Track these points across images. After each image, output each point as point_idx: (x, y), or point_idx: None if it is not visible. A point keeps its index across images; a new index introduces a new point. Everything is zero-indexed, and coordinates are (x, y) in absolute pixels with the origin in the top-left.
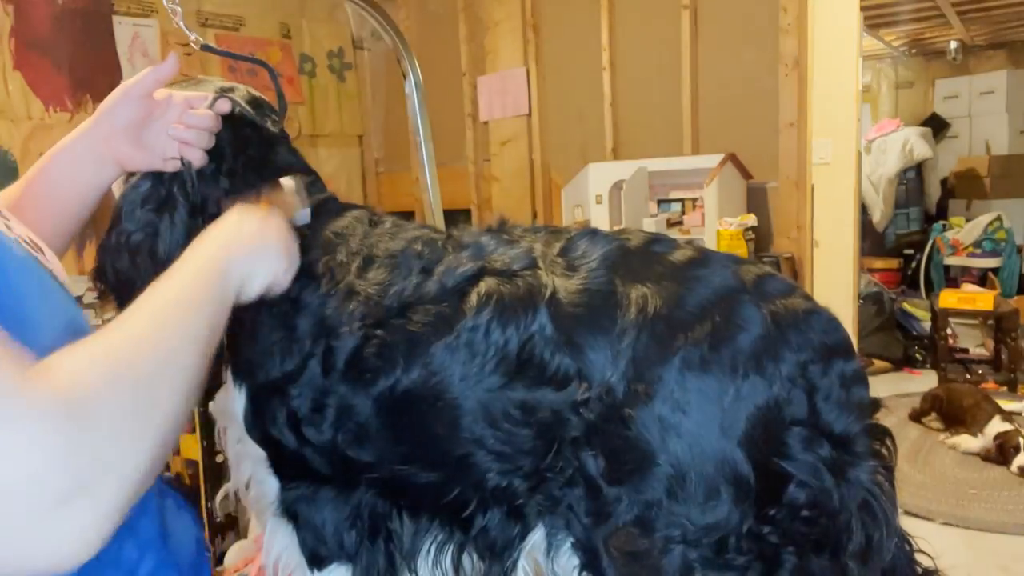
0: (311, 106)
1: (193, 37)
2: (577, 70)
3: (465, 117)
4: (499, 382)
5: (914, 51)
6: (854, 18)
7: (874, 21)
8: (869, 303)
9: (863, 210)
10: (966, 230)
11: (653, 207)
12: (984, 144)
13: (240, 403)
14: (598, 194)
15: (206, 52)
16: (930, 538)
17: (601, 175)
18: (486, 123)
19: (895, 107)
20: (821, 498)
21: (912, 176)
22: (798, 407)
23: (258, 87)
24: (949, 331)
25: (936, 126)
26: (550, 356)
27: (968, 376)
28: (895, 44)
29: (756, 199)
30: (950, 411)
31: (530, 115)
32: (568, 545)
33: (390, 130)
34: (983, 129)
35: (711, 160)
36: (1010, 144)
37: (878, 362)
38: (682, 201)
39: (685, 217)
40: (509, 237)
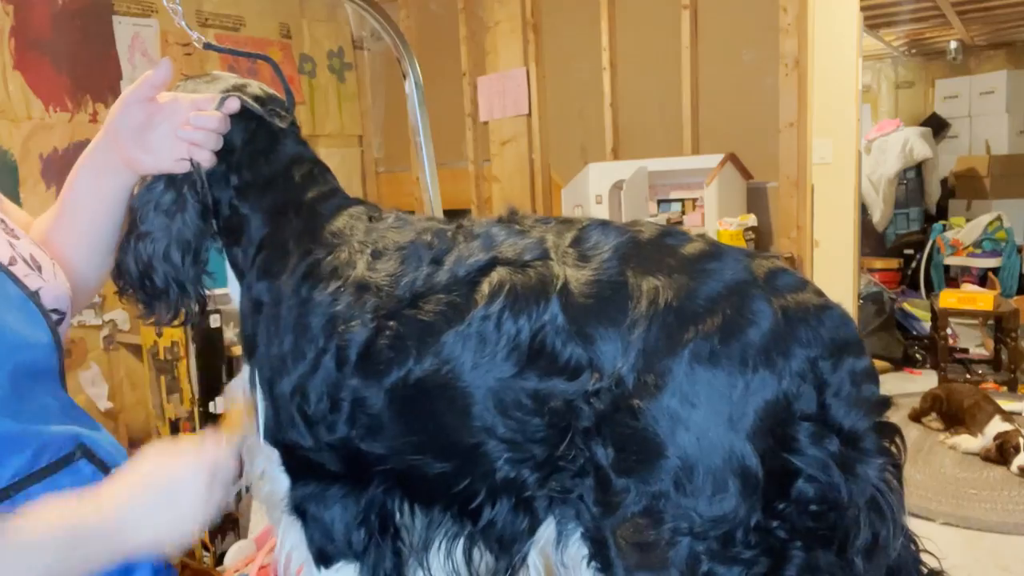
0: (311, 106)
1: (195, 36)
2: (577, 70)
3: (465, 117)
4: (511, 371)
5: (914, 51)
6: (854, 18)
7: (874, 21)
8: (869, 303)
9: (863, 210)
10: (966, 230)
11: (653, 207)
12: (984, 144)
13: (260, 407)
14: (598, 194)
15: (208, 51)
16: (930, 538)
17: (601, 175)
18: (486, 123)
19: (895, 107)
20: (829, 493)
21: (912, 176)
22: (807, 402)
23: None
24: (949, 331)
25: (936, 126)
26: (561, 346)
27: (968, 376)
28: (895, 44)
29: (756, 199)
30: (950, 411)
31: (530, 115)
32: (577, 535)
33: (390, 130)
34: (983, 129)
35: (711, 160)
36: (1010, 144)
37: (878, 362)
38: (682, 201)
39: (685, 217)
40: (520, 227)
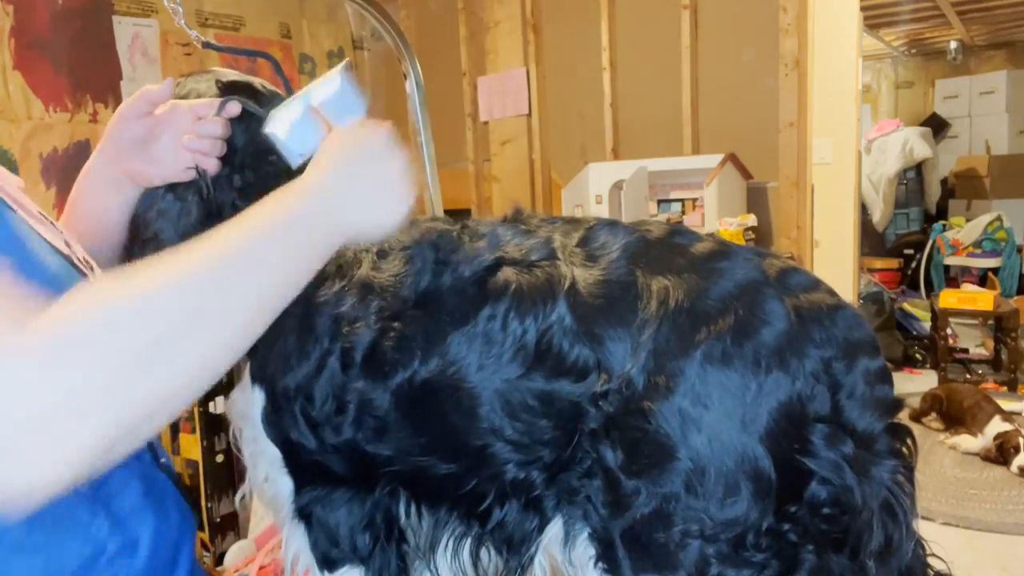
0: None
1: (194, 35)
2: (577, 70)
3: (465, 117)
4: (517, 372)
5: (914, 51)
6: (854, 18)
7: (874, 21)
8: (869, 303)
9: (863, 210)
10: (966, 230)
11: (653, 207)
12: (984, 144)
13: (258, 405)
14: (598, 194)
15: (207, 50)
16: (930, 538)
17: (601, 175)
18: (486, 123)
19: (895, 107)
20: (843, 496)
21: (912, 176)
22: (821, 404)
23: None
24: (949, 331)
25: (936, 126)
26: (569, 347)
27: (968, 376)
28: (895, 44)
29: (756, 199)
30: (950, 411)
31: (530, 115)
32: (585, 535)
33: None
34: (983, 129)
35: (711, 160)
36: (1010, 144)
37: None
38: (682, 201)
39: (685, 217)
40: (526, 227)
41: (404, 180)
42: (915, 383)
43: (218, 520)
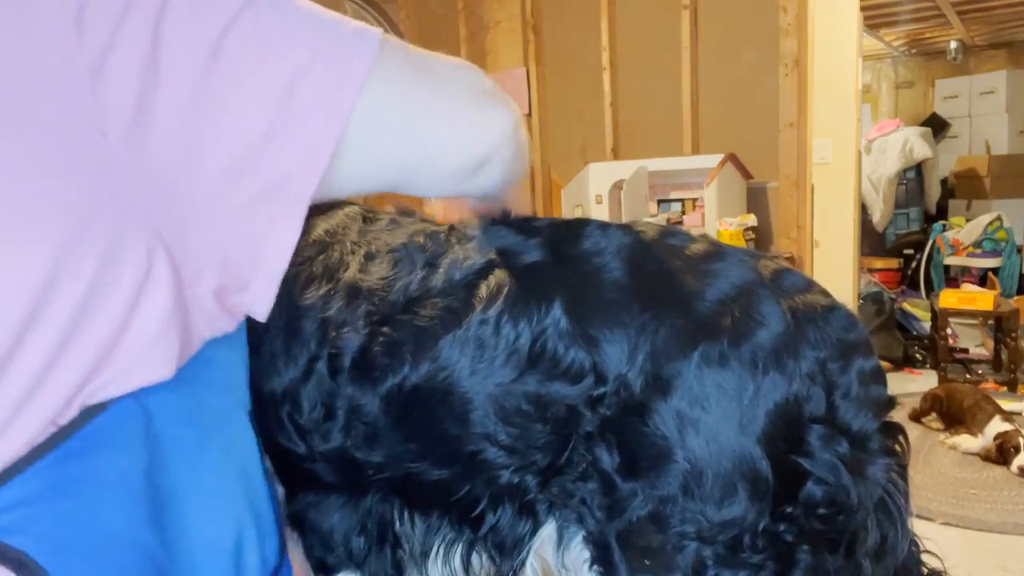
0: None
1: None
2: (577, 70)
3: None
4: (511, 376)
5: (914, 51)
6: (854, 18)
7: (874, 21)
8: (869, 303)
9: (863, 210)
10: (966, 230)
11: (653, 207)
12: (984, 144)
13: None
14: (598, 194)
15: None
16: (930, 538)
17: (601, 175)
18: None
19: (895, 107)
20: (838, 496)
21: (912, 176)
22: (817, 404)
23: None
24: (949, 331)
25: (936, 126)
26: (564, 350)
27: (968, 376)
28: (895, 44)
29: (756, 199)
30: (950, 411)
31: (530, 115)
32: (579, 539)
33: None
34: (983, 129)
35: (711, 160)
36: (1010, 144)
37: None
38: (682, 201)
39: (685, 217)
40: (516, 229)
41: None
42: (915, 383)
43: None
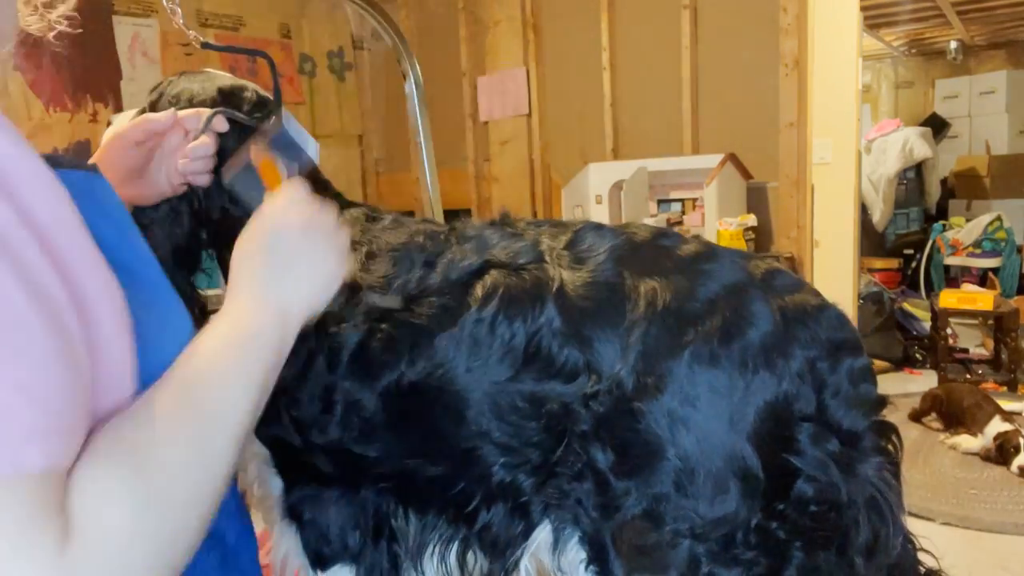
0: (311, 106)
1: (193, 35)
2: (577, 70)
3: (465, 117)
4: (506, 374)
5: (914, 51)
6: (854, 18)
7: (874, 21)
8: (869, 303)
9: (863, 210)
10: (966, 230)
11: (653, 207)
12: (984, 144)
13: None
14: (598, 194)
15: (206, 50)
16: (930, 538)
17: (601, 175)
18: (486, 123)
19: (895, 107)
20: (829, 493)
21: (912, 176)
22: (807, 403)
23: (261, 83)
24: (949, 331)
25: (936, 126)
26: (558, 349)
27: (968, 376)
28: (895, 44)
29: (756, 199)
30: (950, 411)
31: (530, 115)
32: (575, 540)
33: (390, 130)
34: (983, 129)
35: (711, 160)
36: (1010, 144)
37: (878, 362)
38: (682, 201)
39: (685, 217)
40: (513, 230)
41: (332, 247)
42: (915, 383)
43: None
